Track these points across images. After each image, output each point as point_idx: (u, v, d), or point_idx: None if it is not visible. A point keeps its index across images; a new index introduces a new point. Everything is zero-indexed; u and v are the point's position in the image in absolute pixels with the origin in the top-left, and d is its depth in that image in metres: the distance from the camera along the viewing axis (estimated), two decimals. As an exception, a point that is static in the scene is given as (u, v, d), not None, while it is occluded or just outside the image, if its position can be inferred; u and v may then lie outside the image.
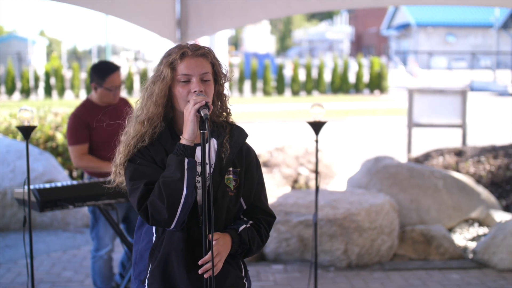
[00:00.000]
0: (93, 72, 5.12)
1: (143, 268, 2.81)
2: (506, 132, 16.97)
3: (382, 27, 58.46)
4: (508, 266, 6.58)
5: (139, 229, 2.88)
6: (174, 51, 2.74)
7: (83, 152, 5.04)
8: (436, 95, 11.95)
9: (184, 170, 2.58)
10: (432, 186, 8.13)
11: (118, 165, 2.76)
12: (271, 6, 8.38)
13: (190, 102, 2.62)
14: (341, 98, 28.48)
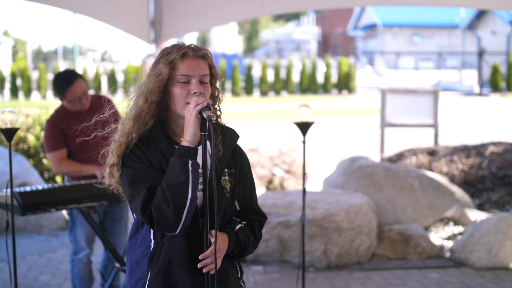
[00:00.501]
0: (54, 85, 5.06)
1: (141, 276, 2.73)
2: (476, 132, 17.15)
3: (348, 27, 58.76)
4: (486, 265, 6.64)
5: (134, 236, 2.80)
6: (173, 50, 2.68)
7: (61, 158, 4.99)
8: (408, 95, 12.03)
9: (188, 172, 2.54)
10: (407, 186, 8.18)
11: (112, 165, 2.69)
12: (246, 7, 8.36)
13: (191, 103, 2.58)
14: (310, 99, 28.53)
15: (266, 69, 29.95)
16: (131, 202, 2.62)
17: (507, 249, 6.68)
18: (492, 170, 10.14)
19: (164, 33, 8.15)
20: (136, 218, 2.79)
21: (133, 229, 2.81)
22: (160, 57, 2.71)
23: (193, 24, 8.56)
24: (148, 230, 2.73)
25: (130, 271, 2.79)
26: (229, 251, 2.72)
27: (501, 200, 9.37)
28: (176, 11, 8.16)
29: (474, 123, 19.58)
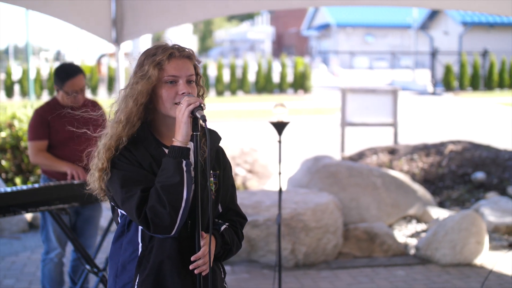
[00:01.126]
0: (55, 74, 5.09)
1: (128, 280, 2.67)
2: (432, 130, 17.38)
3: (302, 27, 59.02)
4: (451, 261, 6.73)
5: (118, 240, 2.74)
6: (158, 51, 2.65)
7: (40, 149, 4.98)
8: (368, 94, 12.14)
9: (183, 172, 2.52)
10: (371, 185, 8.25)
11: (101, 169, 2.63)
12: (209, 6, 8.32)
13: (182, 103, 2.55)
14: (266, 98, 28.58)
15: (221, 69, 29.91)
16: (123, 204, 2.57)
17: (470, 245, 6.78)
18: (451, 168, 10.29)
19: (125, 32, 8.07)
20: (122, 222, 2.73)
21: (117, 233, 2.75)
22: (144, 58, 2.67)
23: (155, 24, 8.48)
24: (135, 234, 2.68)
25: (115, 276, 2.72)
26: (216, 252, 2.70)
27: (461, 198, 9.51)
28: (138, 10, 8.09)
29: (430, 122, 19.84)
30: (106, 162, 2.62)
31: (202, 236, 2.61)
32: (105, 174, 2.63)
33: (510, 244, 7.47)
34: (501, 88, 31.66)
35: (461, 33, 34.72)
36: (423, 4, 9.92)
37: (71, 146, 4.96)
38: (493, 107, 24.70)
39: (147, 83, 2.62)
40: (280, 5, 9.71)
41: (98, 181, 2.64)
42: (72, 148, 4.94)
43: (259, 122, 20.16)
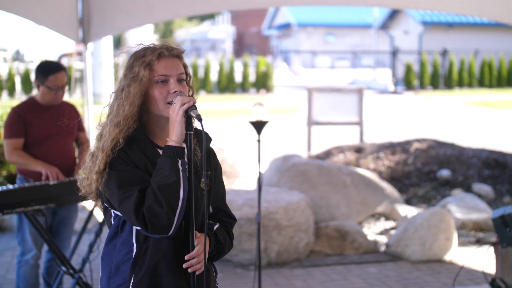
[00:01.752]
0: (37, 69, 5.08)
1: (122, 281, 2.66)
2: (395, 129, 17.54)
3: (263, 27, 59.10)
4: (421, 258, 6.82)
5: (111, 241, 2.73)
6: (147, 52, 2.65)
7: (15, 147, 4.95)
8: (334, 93, 12.23)
9: (179, 172, 2.52)
10: (340, 183, 8.32)
11: (98, 172, 2.61)
12: (176, 6, 8.32)
13: (176, 102, 2.55)
14: (228, 98, 28.57)
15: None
16: (121, 205, 2.56)
17: (440, 242, 6.88)
18: (417, 166, 10.42)
19: (92, 32, 8.03)
20: (115, 223, 2.72)
21: (110, 234, 2.74)
22: (134, 60, 2.67)
23: (121, 24, 8.46)
24: (129, 235, 2.67)
25: (109, 278, 2.71)
26: (210, 252, 2.72)
27: (427, 195, 9.64)
28: (105, 10, 8.05)
29: (392, 120, 20.02)
30: (103, 165, 2.61)
31: (196, 235, 2.62)
32: (102, 176, 2.62)
33: (477, 240, 7.60)
34: (460, 87, 32.10)
35: (421, 32, 35.11)
36: (384, 3, 10.06)
37: (47, 145, 4.95)
38: (454, 106, 25.04)
39: (140, 84, 2.62)
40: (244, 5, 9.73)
41: (96, 184, 2.63)
42: (48, 147, 4.93)
43: (223, 121, 20.17)
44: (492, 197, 9.47)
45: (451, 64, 31.77)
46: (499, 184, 9.95)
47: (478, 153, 10.69)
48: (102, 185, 2.62)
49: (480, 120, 20.46)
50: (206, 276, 2.62)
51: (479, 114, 22.41)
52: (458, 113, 22.73)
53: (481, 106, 24.99)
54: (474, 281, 6.13)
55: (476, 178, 10.05)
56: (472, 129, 18.00)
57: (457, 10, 9.26)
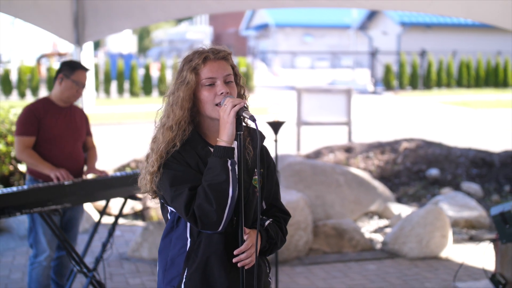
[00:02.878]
0: (64, 64, 5.14)
1: (176, 274, 2.78)
2: (381, 128, 17.70)
3: (241, 27, 59.18)
4: (418, 255, 6.96)
5: (168, 236, 2.85)
6: (195, 56, 2.76)
7: (27, 145, 4.96)
8: (322, 94, 12.37)
9: (228, 171, 2.62)
10: (334, 182, 8.44)
11: (153, 172, 2.73)
12: (171, 7, 8.39)
13: (226, 104, 2.65)
14: (210, 98, 28.59)
15: (164, 69, 29.80)
16: (173, 202, 2.69)
17: (436, 239, 7.03)
18: (406, 165, 10.58)
19: (87, 33, 8.09)
20: (171, 218, 2.83)
21: (167, 229, 2.86)
22: (183, 64, 2.78)
23: (116, 25, 8.50)
24: (184, 229, 2.78)
25: (164, 270, 2.83)
26: (261, 247, 2.81)
27: (417, 194, 9.80)
28: (99, 11, 8.10)
29: (376, 120, 20.19)
30: (157, 166, 2.73)
31: (245, 231, 2.72)
32: (156, 176, 2.74)
33: (470, 237, 7.75)
34: (439, 87, 32.42)
35: (400, 33, 35.39)
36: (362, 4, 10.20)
37: (59, 146, 4.99)
38: (434, 106, 25.30)
39: (187, 88, 2.74)
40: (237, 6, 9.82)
41: (150, 184, 2.75)
42: (60, 148, 4.97)
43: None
44: (481, 196, 9.65)
45: (429, 65, 32.08)
46: (486, 183, 10.14)
47: (465, 152, 10.87)
48: (156, 184, 2.74)
49: (460, 120, 20.70)
50: (257, 270, 2.72)
51: (458, 114, 22.68)
52: (438, 113, 22.99)
53: (460, 106, 25.28)
54: (472, 277, 6.27)
55: (464, 177, 10.23)
56: (453, 128, 18.23)
57: (444, 11, 9.41)
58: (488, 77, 32.94)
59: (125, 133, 17.64)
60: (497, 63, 32.89)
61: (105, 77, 29.06)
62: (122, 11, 8.20)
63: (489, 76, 32.93)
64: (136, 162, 10.29)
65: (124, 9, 8.19)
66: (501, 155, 10.86)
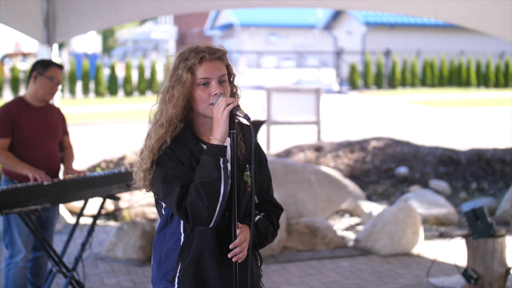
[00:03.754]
0: (37, 62, 5.11)
1: (170, 268, 2.84)
2: (348, 127, 17.85)
3: (206, 27, 59.11)
4: (390, 252, 7.07)
5: (162, 230, 2.90)
6: (191, 55, 2.79)
7: (2, 147, 4.91)
8: (292, 93, 12.45)
9: (220, 169, 2.68)
10: (306, 181, 8.52)
11: (145, 169, 2.78)
12: (143, 7, 8.39)
13: (220, 103, 2.69)
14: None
15: (130, 69, 29.66)
16: (165, 199, 2.74)
17: (407, 236, 7.14)
18: (375, 164, 10.71)
19: (58, 33, 8.05)
20: (165, 213, 2.88)
21: (161, 224, 2.91)
22: (179, 62, 2.81)
23: (87, 24, 8.47)
24: (178, 224, 2.84)
25: (158, 264, 2.89)
26: (252, 241, 2.85)
27: (386, 192, 9.93)
28: (70, 11, 8.07)
29: (343, 119, 20.34)
30: (149, 163, 2.78)
31: (238, 226, 2.77)
32: (149, 173, 2.79)
33: (440, 234, 7.89)
34: (403, 86, 32.78)
35: (364, 33, 35.70)
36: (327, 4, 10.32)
37: (35, 147, 4.96)
38: (399, 105, 25.58)
39: (183, 88, 2.77)
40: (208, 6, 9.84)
41: (143, 181, 2.80)
42: (36, 149, 4.95)
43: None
44: (449, 193, 9.82)
45: (394, 64, 32.42)
46: (454, 180, 10.32)
47: (433, 150, 11.04)
48: (149, 181, 2.79)
49: (424, 119, 20.96)
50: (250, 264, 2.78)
51: (423, 113, 22.96)
52: (403, 112, 23.25)
53: (424, 105, 25.59)
54: (444, 272, 6.39)
55: (432, 175, 10.39)
56: (419, 127, 18.45)
57: (414, 12, 9.58)
58: (452, 77, 33.40)
59: (92, 133, 17.55)
60: (460, 63, 33.36)
61: (70, 77, 28.83)
62: (93, 11, 8.18)
63: (452, 75, 33.38)
64: (106, 162, 10.27)
65: (95, 9, 8.16)
66: (468, 154, 11.05)
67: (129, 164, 10.12)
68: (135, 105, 25.67)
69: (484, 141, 14.55)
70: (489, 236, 5.66)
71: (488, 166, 10.64)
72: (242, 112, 2.70)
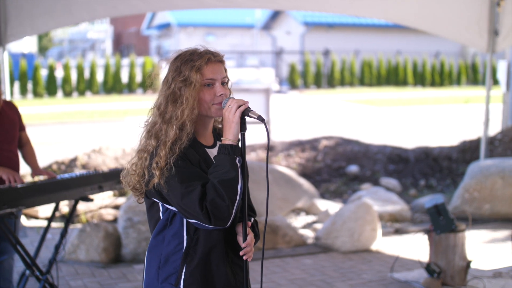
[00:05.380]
0: None
1: (173, 271, 2.82)
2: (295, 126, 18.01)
3: (142, 26, 58.68)
4: (350, 248, 7.21)
5: (160, 233, 2.87)
6: (195, 56, 2.82)
7: None
8: (242, 93, 12.48)
9: (237, 168, 2.71)
10: (262, 180, 8.59)
11: (162, 168, 2.73)
12: (96, 7, 8.35)
13: (231, 104, 2.74)
14: (115, 99, 28.33)
15: (69, 69, 29.28)
16: (183, 199, 2.69)
17: (366, 233, 7.29)
18: (327, 163, 10.87)
19: (9, 33, 7.98)
20: (165, 216, 2.85)
21: (159, 227, 2.87)
22: (181, 64, 2.82)
23: (40, 25, 8.38)
24: (180, 227, 2.82)
25: (158, 268, 2.85)
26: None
27: (338, 190, 10.09)
28: (22, 11, 7.98)
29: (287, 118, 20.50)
30: (164, 162, 2.73)
31: (248, 225, 2.84)
32: (166, 171, 2.72)
33: (396, 230, 8.07)
34: (342, 85, 33.27)
35: (303, 33, 36.04)
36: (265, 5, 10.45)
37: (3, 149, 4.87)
38: (339, 104, 25.95)
39: (193, 88, 2.79)
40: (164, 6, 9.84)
41: (159, 178, 2.72)
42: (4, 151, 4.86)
43: (114, 123, 20.04)
44: (399, 190, 10.05)
45: (333, 64, 32.88)
46: (403, 178, 10.56)
47: (382, 149, 11.28)
48: (163, 180, 2.72)
49: (364, 117, 21.32)
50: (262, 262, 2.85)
51: (362, 111, 23.35)
52: (344, 111, 23.60)
53: (363, 104, 26.04)
54: (405, 267, 6.55)
55: (382, 173, 10.61)
56: (360, 126, 18.76)
57: (364, 13, 9.74)
58: (389, 76, 34.04)
59: (33, 135, 17.20)
60: (397, 62, 34.04)
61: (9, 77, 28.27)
62: (46, 11, 8.09)
63: (390, 75, 34.04)
64: (58, 164, 10.16)
65: (48, 9, 8.08)
66: (415, 151, 11.33)
67: (81, 166, 10.04)
68: (75, 106, 25.37)
69: (426, 138, 14.91)
70: (451, 231, 5.85)
71: (435, 164, 10.93)
72: (255, 114, 2.76)
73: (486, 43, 8.79)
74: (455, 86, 35.20)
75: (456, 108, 24.84)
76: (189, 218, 2.73)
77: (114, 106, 25.35)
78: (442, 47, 36.88)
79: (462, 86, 35.39)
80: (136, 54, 45.78)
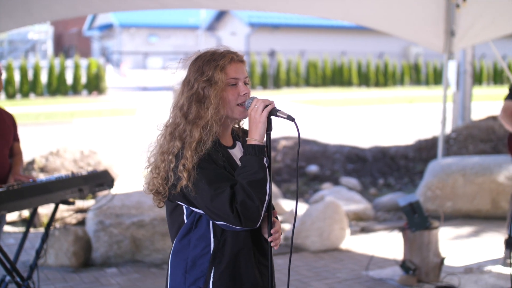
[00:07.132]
0: None
1: (200, 274, 2.78)
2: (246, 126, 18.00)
3: (84, 27, 57.95)
4: (320, 248, 7.26)
5: (185, 237, 2.82)
6: (217, 56, 2.80)
7: None
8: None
9: (265, 169, 2.70)
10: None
11: (189, 169, 2.68)
12: (56, 7, 8.23)
13: (257, 104, 2.73)
14: (60, 101, 27.88)
15: (12, 70, 28.70)
16: (213, 201, 2.66)
17: (336, 232, 7.36)
18: (286, 163, 10.91)
19: (-33, 34, 7.77)
20: (190, 220, 2.81)
21: (184, 230, 2.83)
22: (203, 64, 2.80)
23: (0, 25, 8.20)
24: (206, 229, 2.78)
25: (184, 272, 2.81)
26: None
27: (299, 190, 10.14)
28: (-20, 11, 7.81)
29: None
30: (191, 163, 2.69)
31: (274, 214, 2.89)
32: (193, 173, 2.69)
33: (362, 229, 8.16)
34: (288, 86, 33.46)
35: (248, 33, 36.11)
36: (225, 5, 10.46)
37: None
38: (286, 105, 26.04)
39: (217, 88, 2.77)
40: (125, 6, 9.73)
41: (187, 180, 2.69)
42: None
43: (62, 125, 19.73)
44: (359, 189, 10.16)
45: (279, 65, 33.03)
46: (362, 177, 10.69)
47: (340, 149, 11.39)
48: (191, 183, 2.68)
49: (312, 118, 21.46)
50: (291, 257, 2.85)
51: (310, 112, 23.51)
52: (292, 111, 23.65)
53: (310, 105, 26.24)
54: (377, 265, 6.63)
55: (342, 172, 10.71)
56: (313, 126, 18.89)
57: (324, 13, 9.80)
58: (334, 76, 34.39)
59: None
60: (342, 63, 34.40)
61: None
62: (4, 10, 7.93)
63: (335, 75, 34.38)
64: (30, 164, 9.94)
65: (6, 8, 7.91)
66: (372, 151, 11.48)
67: (39, 169, 9.85)
68: (18, 108, 24.87)
69: (380, 138, 15.11)
70: (425, 229, 5.95)
71: (392, 162, 11.10)
72: (284, 113, 2.76)
73: (443, 43, 8.95)
74: (399, 86, 35.75)
75: (401, 108, 25.24)
76: (217, 220, 2.70)
77: (60, 108, 24.96)
78: (386, 47, 37.46)
79: (406, 86, 35.98)
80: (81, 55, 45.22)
